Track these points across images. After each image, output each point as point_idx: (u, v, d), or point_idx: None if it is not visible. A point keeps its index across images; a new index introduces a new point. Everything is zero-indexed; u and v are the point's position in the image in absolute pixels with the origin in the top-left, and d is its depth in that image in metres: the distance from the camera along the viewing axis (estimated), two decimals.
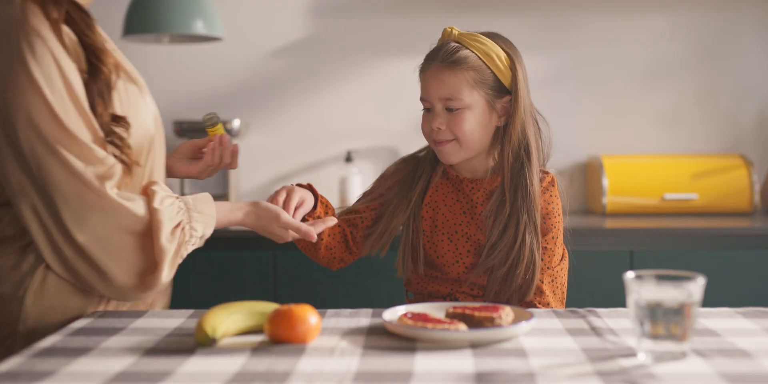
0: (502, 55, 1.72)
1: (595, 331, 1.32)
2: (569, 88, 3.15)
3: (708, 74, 3.15)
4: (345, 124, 3.16)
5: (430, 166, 1.82)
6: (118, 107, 1.46)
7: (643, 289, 1.13)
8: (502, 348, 1.22)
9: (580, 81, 3.15)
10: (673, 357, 1.14)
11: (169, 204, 1.46)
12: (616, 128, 3.16)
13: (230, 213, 1.59)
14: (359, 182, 3.08)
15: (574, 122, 3.15)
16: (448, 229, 1.76)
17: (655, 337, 1.13)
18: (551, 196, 1.76)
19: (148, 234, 1.42)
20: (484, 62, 1.71)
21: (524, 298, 1.71)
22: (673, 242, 2.62)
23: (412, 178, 1.82)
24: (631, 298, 1.15)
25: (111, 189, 1.39)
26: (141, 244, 1.42)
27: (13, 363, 1.16)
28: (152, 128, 1.54)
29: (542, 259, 1.71)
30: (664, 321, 1.13)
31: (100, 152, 1.39)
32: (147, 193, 1.47)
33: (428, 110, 1.75)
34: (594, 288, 2.57)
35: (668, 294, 1.12)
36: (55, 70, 1.37)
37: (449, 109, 1.71)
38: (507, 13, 3.10)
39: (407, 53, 3.09)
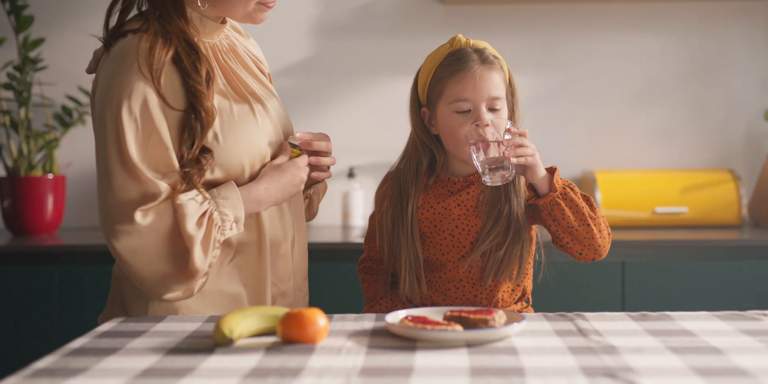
0: (502, 58, 1.85)
1: (582, 332, 1.43)
2: (564, 104, 3.25)
3: (698, 92, 3.25)
4: (347, 141, 3.25)
5: (415, 176, 1.86)
6: (218, 127, 1.67)
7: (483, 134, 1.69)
8: (495, 347, 1.33)
9: (574, 98, 3.26)
10: (504, 173, 1.68)
11: (190, 197, 1.62)
12: (609, 144, 3.27)
13: (253, 186, 1.70)
14: (361, 197, 3.19)
15: (568, 138, 3.25)
16: (447, 224, 1.83)
17: (490, 160, 1.69)
18: None
19: (174, 239, 1.60)
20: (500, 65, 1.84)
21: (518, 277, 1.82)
22: (664, 254, 2.72)
23: (399, 194, 1.87)
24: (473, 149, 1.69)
25: (139, 215, 1.59)
26: (169, 251, 1.60)
27: (48, 361, 1.27)
28: (263, 145, 1.73)
29: None
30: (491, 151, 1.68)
31: (153, 183, 1.59)
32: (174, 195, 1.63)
33: (464, 113, 1.78)
34: (586, 298, 2.68)
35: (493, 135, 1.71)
36: (138, 107, 1.60)
37: (491, 110, 1.79)
38: (503, 33, 3.22)
39: (405, 72, 3.18)
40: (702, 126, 3.26)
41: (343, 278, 2.66)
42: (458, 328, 1.39)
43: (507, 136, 1.71)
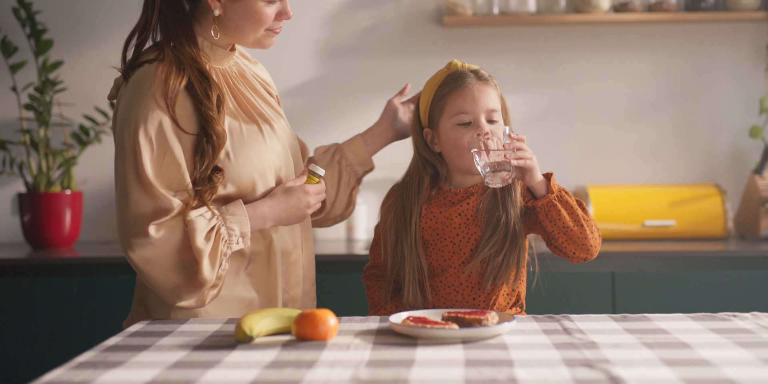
0: (493, 78, 2.03)
1: (567, 331, 1.58)
2: (558, 122, 3.38)
3: (686, 110, 3.38)
4: None
5: (417, 193, 2.00)
6: (229, 146, 1.80)
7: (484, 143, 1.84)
8: (488, 343, 1.48)
9: (568, 116, 3.38)
10: (504, 174, 1.80)
11: (200, 213, 1.75)
12: (600, 160, 3.39)
13: (259, 204, 1.83)
14: (364, 212, 3.32)
15: (562, 154, 3.38)
16: (449, 233, 1.97)
17: (492, 164, 1.81)
18: None
19: (184, 252, 1.73)
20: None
21: (514, 281, 1.96)
22: (653, 264, 2.83)
23: (403, 210, 2.02)
24: (475, 156, 1.83)
25: (153, 229, 1.72)
26: (179, 263, 1.73)
27: (88, 356, 1.42)
28: (272, 162, 1.87)
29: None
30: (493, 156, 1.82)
31: (167, 200, 1.73)
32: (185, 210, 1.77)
33: (465, 125, 1.94)
34: (578, 306, 2.81)
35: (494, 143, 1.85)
36: (153, 130, 1.73)
37: (490, 122, 1.95)
38: (500, 54, 3.36)
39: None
40: (689, 143, 3.38)
41: (347, 287, 2.79)
42: (455, 326, 1.53)
43: (506, 141, 1.87)
